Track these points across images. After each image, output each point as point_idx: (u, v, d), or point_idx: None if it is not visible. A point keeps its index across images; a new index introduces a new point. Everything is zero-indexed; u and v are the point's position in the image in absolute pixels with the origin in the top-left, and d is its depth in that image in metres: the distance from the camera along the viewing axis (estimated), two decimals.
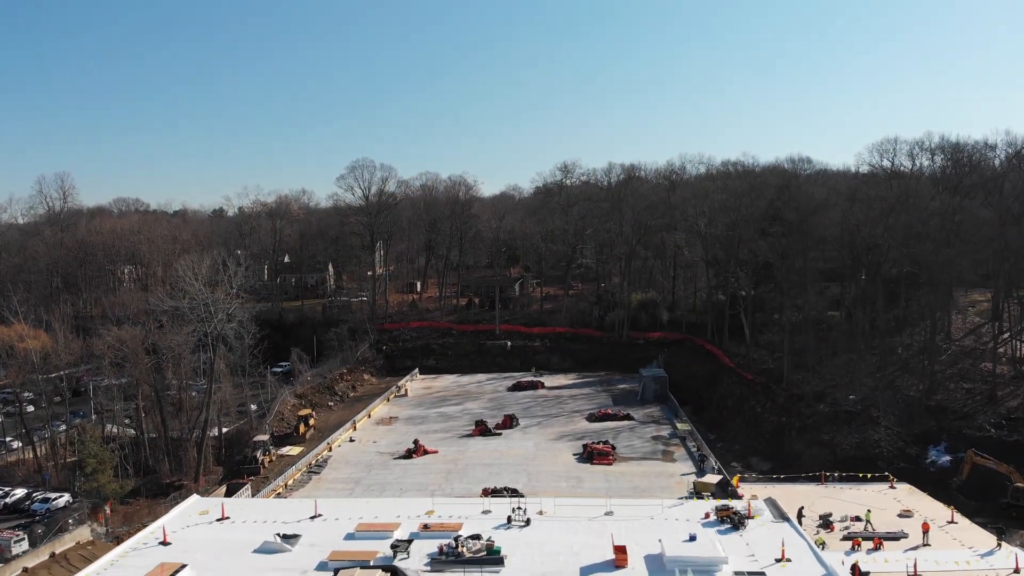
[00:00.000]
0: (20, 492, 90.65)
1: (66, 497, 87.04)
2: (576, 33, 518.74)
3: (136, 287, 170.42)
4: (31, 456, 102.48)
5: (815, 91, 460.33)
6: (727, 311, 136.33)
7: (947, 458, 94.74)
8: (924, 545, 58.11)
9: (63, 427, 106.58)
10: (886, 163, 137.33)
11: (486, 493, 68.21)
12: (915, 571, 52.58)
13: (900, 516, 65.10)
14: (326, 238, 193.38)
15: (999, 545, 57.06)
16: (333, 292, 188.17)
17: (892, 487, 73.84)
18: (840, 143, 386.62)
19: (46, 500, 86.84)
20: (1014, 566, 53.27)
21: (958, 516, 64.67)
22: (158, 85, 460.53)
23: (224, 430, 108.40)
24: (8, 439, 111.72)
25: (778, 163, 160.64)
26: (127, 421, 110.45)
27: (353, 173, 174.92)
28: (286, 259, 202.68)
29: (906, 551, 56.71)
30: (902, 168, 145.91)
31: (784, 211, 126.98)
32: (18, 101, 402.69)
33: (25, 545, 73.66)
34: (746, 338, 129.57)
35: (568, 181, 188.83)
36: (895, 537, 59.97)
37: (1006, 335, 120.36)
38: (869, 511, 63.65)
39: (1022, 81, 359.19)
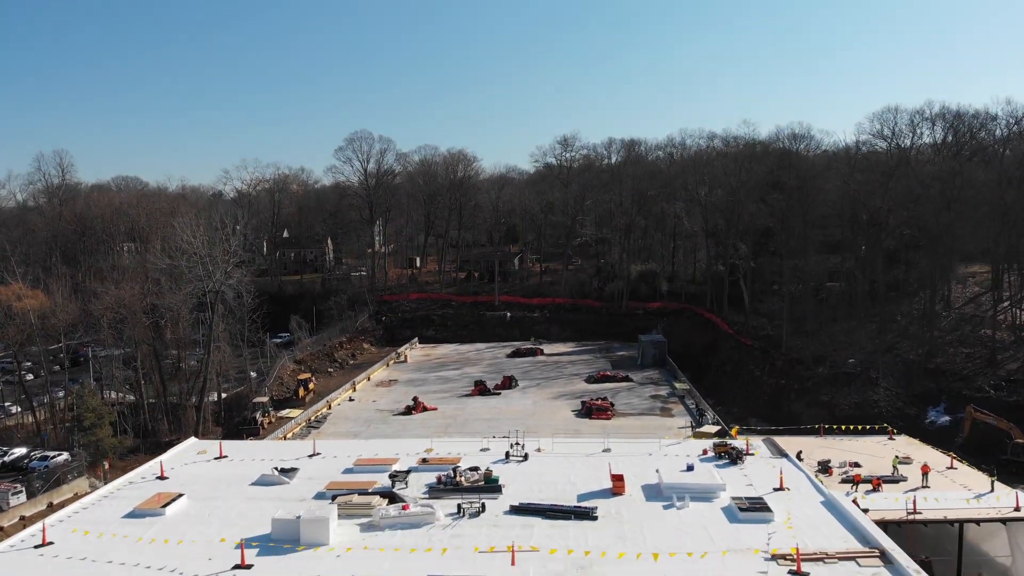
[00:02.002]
0: (19, 451, 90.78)
1: (64, 456, 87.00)
2: (573, 5, 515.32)
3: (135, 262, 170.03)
4: (31, 420, 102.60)
5: (815, 61, 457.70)
6: (727, 279, 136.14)
7: (946, 418, 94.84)
8: (924, 487, 57.90)
9: (62, 393, 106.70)
10: (887, 131, 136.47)
11: None
12: (914, 508, 52.45)
13: (900, 463, 64.79)
14: (324, 211, 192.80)
15: (993, 488, 56.89)
16: (332, 266, 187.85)
17: (891, 438, 73.51)
18: (840, 115, 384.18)
19: (45, 458, 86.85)
20: (1015, 504, 53.08)
21: (957, 463, 64.46)
22: (156, 64, 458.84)
23: (224, 395, 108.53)
24: (7, 404, 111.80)
25: (779, 132, 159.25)
26: (126, 387, 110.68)
27: (352, 145, 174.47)
28: (285, 234, 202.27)
29: (905, 492, 56.52)
30: (903, 141, 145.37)
31: (784, 177, 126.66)
32: (16, 80, 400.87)
33: (23, 497, 73.76)
34: (745, 306, 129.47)
35: (568, 154, 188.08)
36: (894, 480, 59.77)
37: (1006, 303, 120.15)
38: (897, 457, 63.08)
39: (1022, 51, 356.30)
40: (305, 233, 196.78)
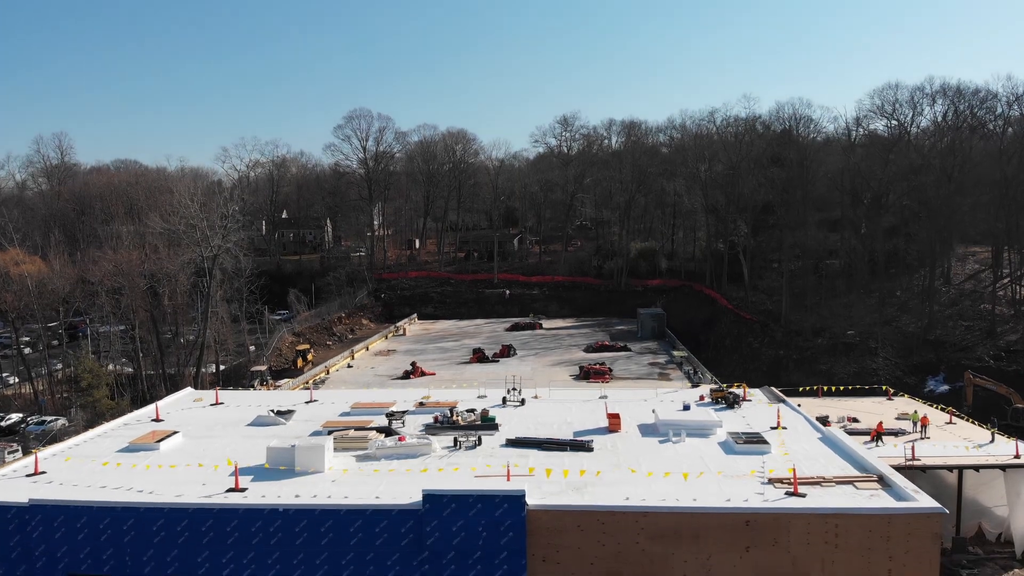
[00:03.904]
0: (15, 416, 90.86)
1: (62, 420, 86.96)
2: None
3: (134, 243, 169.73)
4: (29, 391, 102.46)
5: (816, 38, 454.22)
6: (726, 255, 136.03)
7: (945, 387, 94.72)
8: (923, 438, 57.84)
9: (60, 366, 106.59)
10: (887, 108, 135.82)
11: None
12: (912, 455, 52.31)
13: (898, 419, 64.70)
14: (323, 189, 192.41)
15: (993, 439, 56.85)
16: (331, 247, 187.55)
17: (890, 399, 73.59)
18: (841, 91, 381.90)
19: (42, 423, 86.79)
20: (1014, 452, 52.94)
21: (956, 419, 64.39)
22: (151, 47, 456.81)
23: (222, 367, 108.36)
24: (5, 375, 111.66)
25: (780, 109, 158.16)
26: (123, 360, 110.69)
27: (351, 123, 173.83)
28: (284, 215, 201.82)
29: (904, 442, 56.41)
30: (903, 118, 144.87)
31: (785, 152, 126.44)
32: (16, 64, 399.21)
33: (19, 455, 73.52)
34: (745, 283, 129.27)
35: (568, 134, 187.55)
36: (893, 433, 59.66)
37: (1006, 280, 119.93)
38: (916, 412, 62.81)
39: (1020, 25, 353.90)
40: (304, 214, 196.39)
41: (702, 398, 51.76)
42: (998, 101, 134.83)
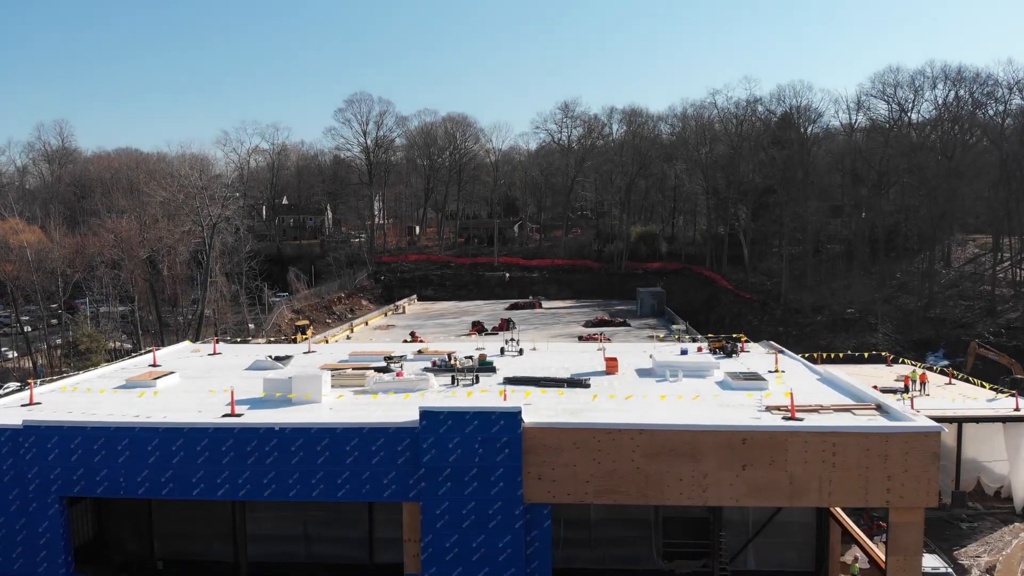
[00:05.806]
0: (13, 386, 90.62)
1: None
2: None
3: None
4: (28, 365, 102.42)
5: (816, 22, 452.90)
6: (726, 237, 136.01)
7: (945, 362, 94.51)
8: (923, 395, 57.72)
9: (59, 341, 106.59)
10: (888, 91, 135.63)
11: None
12: (912, 407, 52.15)
13: (897, 380, 64.59)
14: (324, 174, 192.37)
15: (998, 395, 56.83)
16: (331, 231, 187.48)
17: (889, 365, 73.51)
18: (842, 76, 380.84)
19: None
20: (1014, 406, 52.84)
21: (955, 381, 64.30)
22: (150, 37, 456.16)
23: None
24: (3, 349, 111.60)
25: (781, 92, 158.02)
26: (123, 336, 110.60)
27: (351, 107, 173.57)
28: (284, 201, 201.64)
29: (902, 398, 56.28)
30: (904, 101, 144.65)
31: (786, 133, 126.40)
32: (17, 53, 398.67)
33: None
34: (745, 265, 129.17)
35: (568, 120, 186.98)
36: (892, 391, 59.51)
37: (1006, 263, 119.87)
38: (915, 371, 62.68)
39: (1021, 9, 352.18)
40: (304, 199, 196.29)
41: (700, 349, 51.69)
42: (999, 85, 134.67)
